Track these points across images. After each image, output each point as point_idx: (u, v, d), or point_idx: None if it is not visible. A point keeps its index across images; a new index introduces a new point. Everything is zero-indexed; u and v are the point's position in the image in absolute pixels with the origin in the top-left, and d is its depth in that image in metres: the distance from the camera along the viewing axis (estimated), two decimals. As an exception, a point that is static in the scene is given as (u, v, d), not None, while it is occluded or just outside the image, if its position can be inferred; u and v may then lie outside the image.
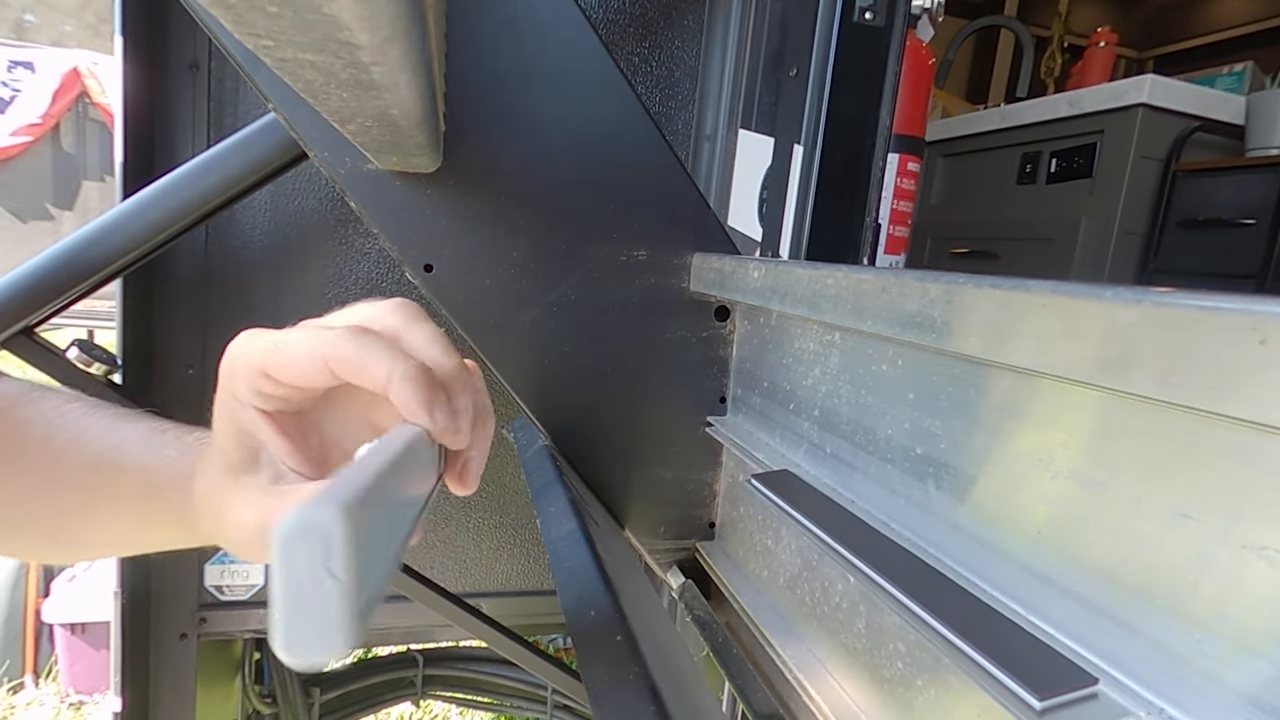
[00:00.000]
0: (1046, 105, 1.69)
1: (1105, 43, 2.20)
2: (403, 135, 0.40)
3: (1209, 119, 1.54)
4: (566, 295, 0.58)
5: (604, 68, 0.56)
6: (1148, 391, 0.21)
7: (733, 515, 0.62)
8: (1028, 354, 0.26)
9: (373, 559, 0.19)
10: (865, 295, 0.36)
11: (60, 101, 4.01)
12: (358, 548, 0.18)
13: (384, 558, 0.21)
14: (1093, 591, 0.27)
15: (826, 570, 0.44)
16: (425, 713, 1.82)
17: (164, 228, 0.75)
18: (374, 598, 0.20)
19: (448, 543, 1.04)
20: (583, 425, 0.60)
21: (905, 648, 0.36)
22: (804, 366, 0.49)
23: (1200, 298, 0.20)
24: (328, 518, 0.17)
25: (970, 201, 1.94)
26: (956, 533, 0.34)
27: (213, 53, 0.85)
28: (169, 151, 0.85)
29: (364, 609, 0.18)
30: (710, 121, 0.96)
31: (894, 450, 0.39)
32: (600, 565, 0.39)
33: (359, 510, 0.18)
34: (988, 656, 0.27)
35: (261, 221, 0.90)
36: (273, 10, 0.19)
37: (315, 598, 0.17)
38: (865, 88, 0.65)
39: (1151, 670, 0.24)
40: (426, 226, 0.55)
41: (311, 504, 0.17)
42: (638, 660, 0.30)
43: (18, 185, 4.11)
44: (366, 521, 0.19)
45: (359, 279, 0.93)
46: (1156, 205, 1.54)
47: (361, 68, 0.25)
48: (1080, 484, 0.27)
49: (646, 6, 0.94)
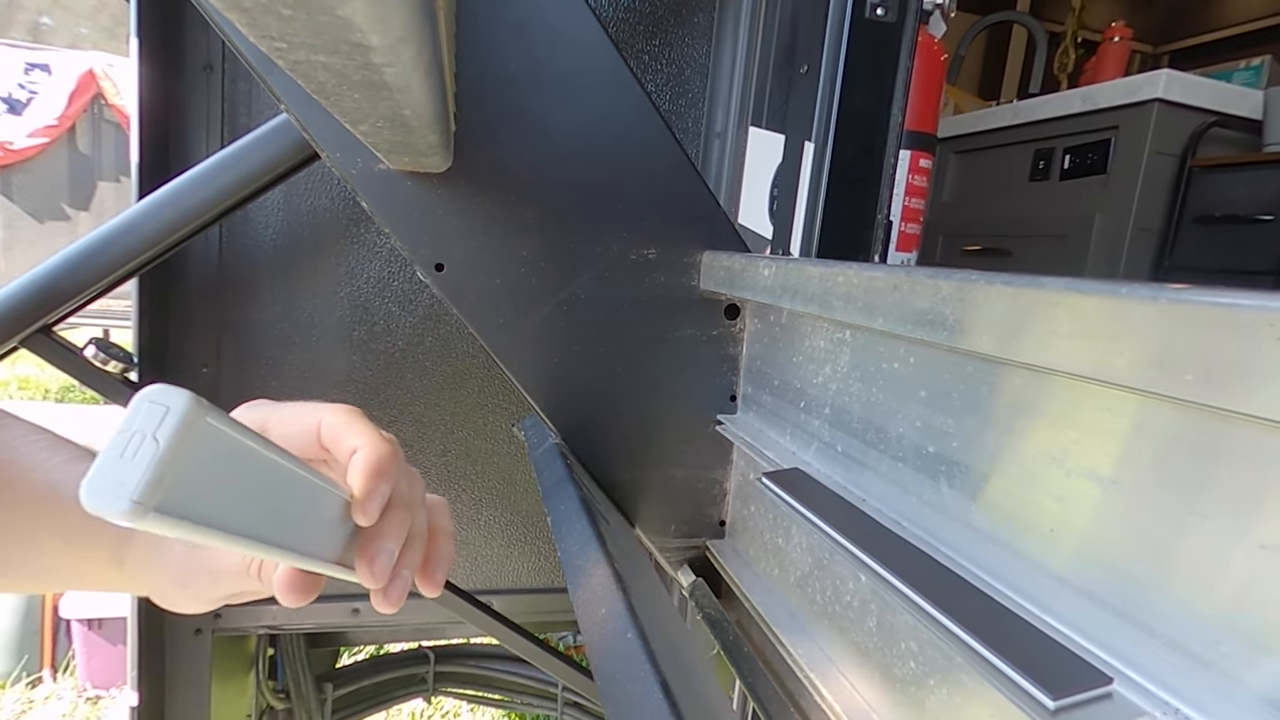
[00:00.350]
0: (1060, 101, 1.67)
1: (1120, 37, 2.17)
2: (414, 135, 0.40)
3: (1226, 114, 1.51)
4: (577, 294, 0.58)
5: (614, 67, 0.56)
6: (1164, 389, 0.21)
7: (743, 513, 0.62)
8: (1041, 352, 0.26)
9: (210, 494, 0.22)
10: (877, 293, 0.36)
11: (76, 103, 4.06)
12: (190, 441, 0.20)
13: (228, 515, 0.23)
14: (1107, 590, 0.27)
15: (838, 568, 0.44)
16: (436, 709, 1.83)
17: (179, 227, 0.76)
18: (197, 524, 0.21)
19: (459, 540, 1.05)
20: (593, 423, 0.61)
21: (917, 646, 0.36)
22: (815, 364, 0.49)
23: (1218, 295, 0.20)
24: (180, 398, 0.20)
25: (982, 198, 1.92)
26: (969, 531, 0.34)
27: (226, 54, 0.86)
28: (183, 152, 0.86)
29: (169, 498, 0.20)
30: (720, 119, 0.96)
31: (906, 448, 0.39)
32: (611, 563, 0.39)
33: (213, 424, 0.21)
34: (1001, 655, 0.27)
35: (274, 221, 0.90)
36: (286, 13, 0.19)
37: (132, 453, 0.19)
38: (877, 84, 0.64)
39: (1167, 670, 0.24)
40: (437, 226, 0.55)
41: (178, 387, 0.20)
42: (649, 657, 0.30)
43: (35, 186, 4.17)
44: (217, 450, 0.21)
45: (370, 278, 0.94)
46: (1172, 201, 1.53)
47: (374, 69, 0.25)
48: (1094, 482, 0.27)
49: (656, 4, 0.94)
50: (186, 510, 0.21)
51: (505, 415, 1.02)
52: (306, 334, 0.92)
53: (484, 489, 1.04)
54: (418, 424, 0.99)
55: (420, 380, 0.98)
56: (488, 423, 1.01)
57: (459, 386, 0.99)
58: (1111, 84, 1.58)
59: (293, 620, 0.99)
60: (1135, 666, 0.25)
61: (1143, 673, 0.25)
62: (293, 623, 1.00)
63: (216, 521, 0.22)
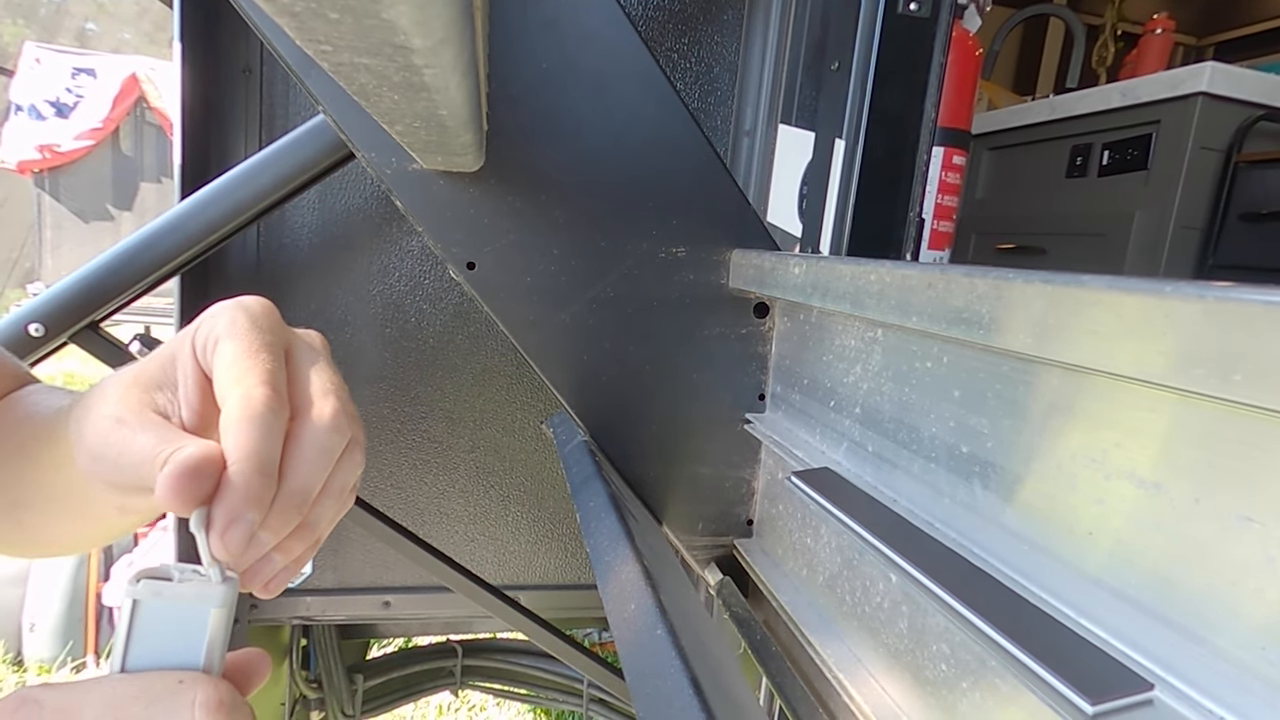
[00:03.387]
0: (1099, 96, 1.63)
1: (1162, 29, 2.11)
2: (449, 135, 0.41)
3: (1273, 107, 1.46)
4: (606, 292, 0.59)
5: (644, 66, 0.57)
6: (1210, 390, 0.21)
7: (771, 513, 0.62)
8: (1081, 351, 0.26)
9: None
10: (910, 291, 0.36)
11: (120, 106, 4.19)
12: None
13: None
14: (1148, 595, 0.26)
15: (868, 569, 0.44)
16: (463, 702, 1.86)
17: (219, 226, 0.78)
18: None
19: (487, 535, 1.06)
20: (621, 421, 0.61)
21: (949, 649, 0.35)
22: (845, 363, 0.49)
23: (1267, 293, 0.19)
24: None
25: (1017, 195, 1.88)
26: (1003, 533, 0.34)
27: (264, 57, 0.88)
28: (223, 153, 0.89)
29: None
30: (750, 117, 0.96)
31: (938, 448, 0.39)
32: (640, 559, 0.39)
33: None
34: (1037, 659, 0.26)
35: (310, 220, 0.92)
36: (334, 16, 0.19)
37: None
38: (909, 81, 0.63)
39: (1211, 677, 0.23)
40: (469, 224, 0.56)
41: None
42: (679, 653, 0.30)
43: (80, 187, 4.31)
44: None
45: (403, 276, 0.95)
46: (1216, 198, 1.48)
47: (414, 70, 0.25)
48: (1135, 485, 0.26)
49: (685, 2, 0.94)
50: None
51: (534, 412, 1.03)
52: (340, 331, 0.94)
53: (512, 485, 1.05)
54: (447, 420, 1.00)
55: (450, 377, 0.99)
56: (516, 419, 1.03)
57: (488, 383, 1.00)
58: (1153, 77, 1.54)
59: (325, 612, 1.02)
60: (1177, 673, 0.24)
61: (1185, 680, 0.24)
62: (326, 614, 1.02)
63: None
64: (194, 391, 0.30)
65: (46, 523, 0.40)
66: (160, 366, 0.31)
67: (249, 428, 0.27)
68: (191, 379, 0.30)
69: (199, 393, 0.30)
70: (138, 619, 0.25)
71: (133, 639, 0.25)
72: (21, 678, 1.87)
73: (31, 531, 0.40)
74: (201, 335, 0.30)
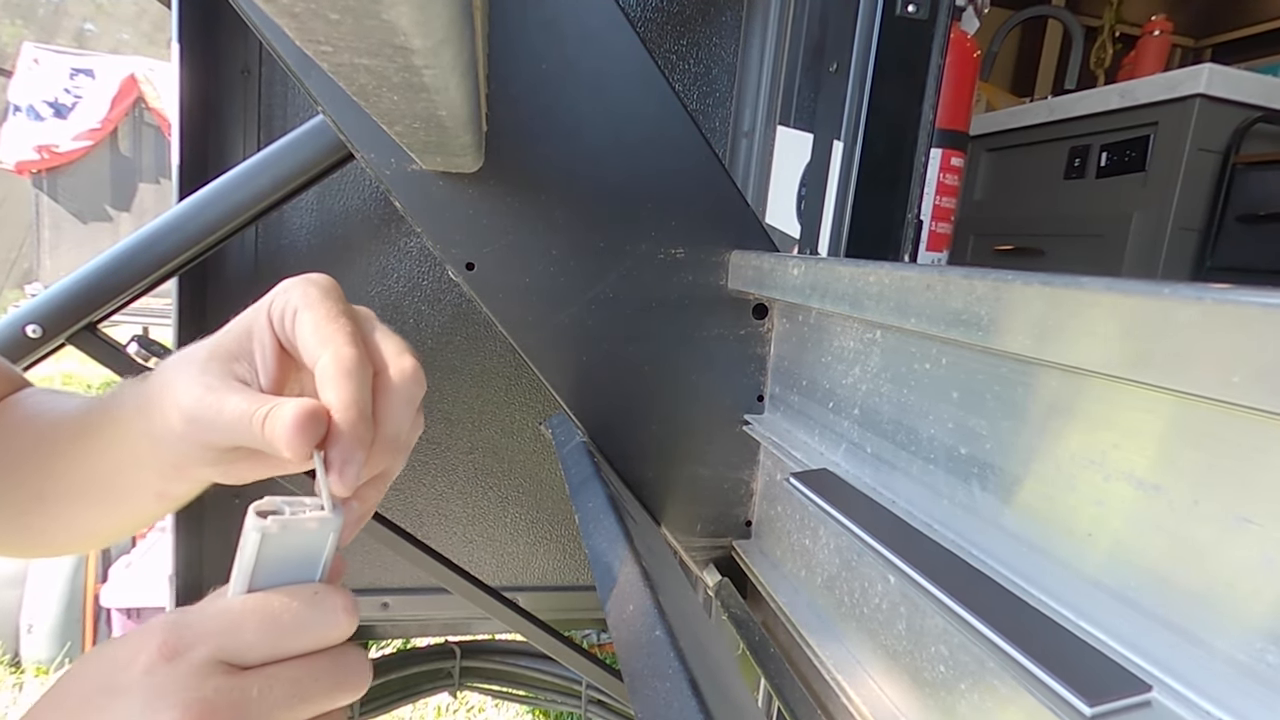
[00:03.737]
0: (1097, 97, 1.63)
1: (1160, 31, 2.12)
2: (448, 136, 0.41)
3: (1272, 109, 1.47)
4: (605, 293, 0.59)
5: (643, 67, 0.57)
6: (1208, 392, 0.21)
7: (770, 514, 0.62)
8: (1080, 353, 0.26)
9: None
10: (909, 292, 0.36)
11: (118, 107, 4.18)
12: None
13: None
14: (1146, 596, 0.26)
15: (866, 570, 0.44)
16: (462, 704, 1.85)
17: (218, 227, 0.78)
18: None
19: (486, 537, 1.06)
20: (620, 422, 0.61)
21: (948, 650, 0.35)
22: (844, 365, 0.49)
23: (1265, 295, 0.19)
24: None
25: (1015, 197, 1.89)
26: (1002, 534, 0.34)
27: (263, 57, 0.88)
28: (222, 154, 0.89)
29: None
30: (748, 118, 0.96)
31: (937, 450, 0.39)
32: (639, 560, 0.39)
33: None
34: (1036, 660, 0.26)
35: (309, 221, 0.92)
36: (334, 17, 0.19)
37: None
38: (907, 82, 0.64)
39: (1209, 679, 0.24)
40: (468, 225, 0.56)
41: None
42: (678, 654, 0.30)
43: (79, 188, 4.30)
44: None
45: (401, 276, 0.95)
46: (1214, 199, 1.48)
47: (414, 71, 0.25)
48: (1134, 486, 0.26)
49: (684, 3, 0.94)
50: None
51: (532, 413, 1.03)
52: (339, 332, 0.94)
53: (511, 486, 1.05)
54: (446, 421, 1.00)
55: (449, 378, 0.99)
56: (515, 421, 1.02)
57: (487, 384, 1.00)
58: (1151, 79, 1.54)
59: (324, 612, 1.01)
60: (1175, 675, 0.25)
61: (1183, 681, 0.24)
62: (324, 615, 1.02)
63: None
64: (272, 360, 0.33)
65: (72, 514, 0.41)
66: (236, 340, 0.34)
67: (347, 381, 0.30)
68: (270, 349, 0.33)
69: (276, 361, 0.33)
70: (264, 549, 0.28)
71: (259, 566, 0.29)
72: (19, 679, 1.87)
73: (47, 526, 0.42)
74: (277, 308, 0.33)
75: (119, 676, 0.26)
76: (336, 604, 0.29)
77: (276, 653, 0.28)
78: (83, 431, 0.39)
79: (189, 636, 0.27)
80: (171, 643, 0.26)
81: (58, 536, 0.43)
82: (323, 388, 0.30)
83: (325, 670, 0.29)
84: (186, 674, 0.26)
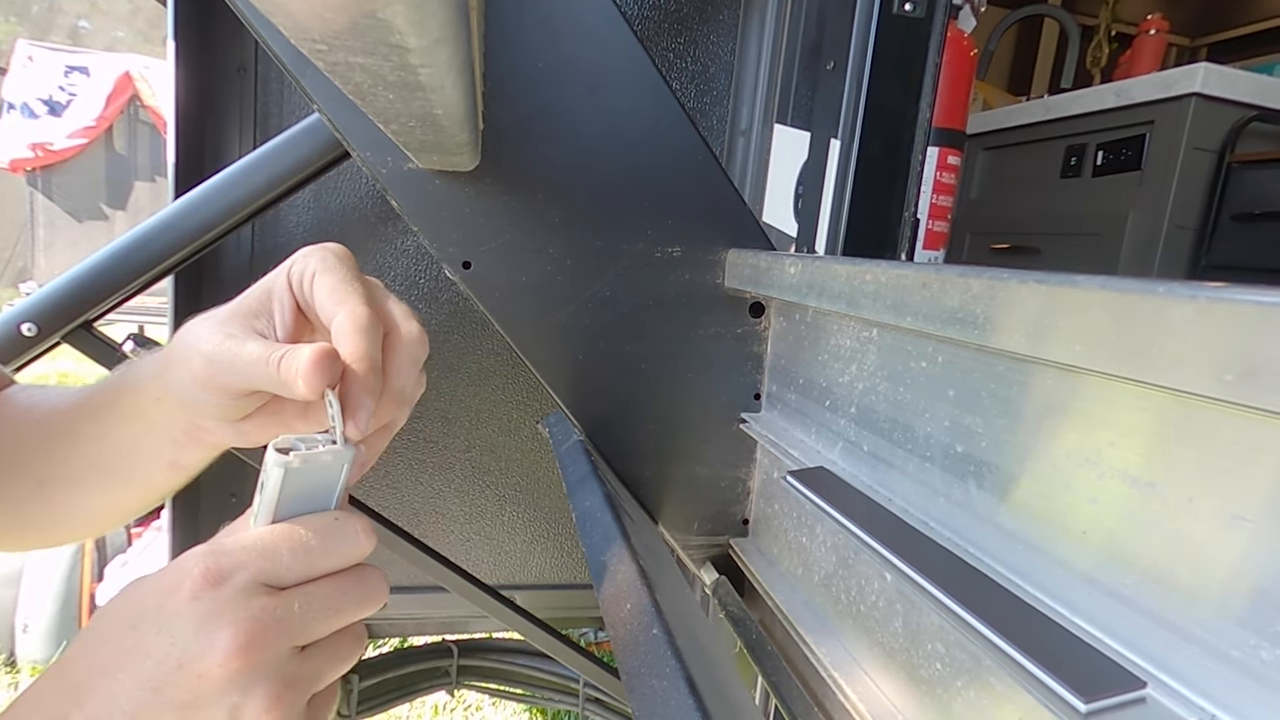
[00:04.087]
0: (1093, 96, 1.64)
1: (1155, 30, 2.12)
2: (445, 134, 0.41)
3: (1267, 108, 1.47)
4: (602, 292, 0.59)
5: (640, 66, 0.57)
6: (1202, 389, 0.21)
7: (767, 512, 0.62)
8: (1075, 351, 0.26)
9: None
10: (905, 291, 0.36)
11: (113, 105, 4.17)
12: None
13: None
14: (1141, 593, 0.26)
15: (863, 568, 0.44)
16: (459, 702, 1.85)
17: (213, 226, 0.77)
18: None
19: (483, 535, 1.06)
20: (617, 421, 0.61)
21: (944, 648, 0.35)
22: (840, 363, 0.49)
23: (1259, 293, 0.20)
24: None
25: (1012, 195, 1.89)
26: (998, 532, 0.34)
27: (259, 55, 0.88)
28: (218, 152, 0.88)
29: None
30: (745, 116, 0.96)
31: (933, 448, 0.39)
32: (636, 558, 0.39)
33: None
34: (1031, 657, 0.27)
35: (305, 219, 0.92)
36: (329, 15, 0.19)
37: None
38: (904, 81, 0.64)
39: (1203, 675, 0.24)
40: (465, 224, 0.56)
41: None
42: (675, 653, 0.30)
43: (73, 186, 4.29)
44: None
45: (398, 276, 0.95)
46: (1209, 198, 1.49)
47: (409, 70, 0.25)
48: (1129, 484, 0.27)
49: (682, 2, 0.94)
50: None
51: (529, 412, 1.03)
52: (335, 330, 0.93)
53: (508, 485, 1.05)
54: (443, 420, 1.00)
55: (446, 377, 0.99)
56: (512, 419, 1.02)
57: (484, 383, 1.00)
58: (1147, 78, 1.54)
59: (321, 611, 1.01)
60: (1170, 671, 0.25)
61: (1177, 677, 0.24)
62: (321, 614, 1.02)
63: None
64: (289, 317, 0.36)
65: (75, 498, 0.43)
66: (256, 299, 0.37)
67: (361, 336, 0.33)
68: (288, 307, 0.36)
69: (293, 318, 0.36)
70: (286, 482, 0.31)
71: (282, 497, 0.31)
72: (14, 679, 1.86)
73: (62, 508, 0.43)
74: (296, 271, 0.36)
75: (165, 604, 0.28)
76: (356, 526, 0.32)
77: (310, 573, 0.30)
78: (88, 413, 0.41)
79: (228, 563, 0.29)
80: (214, 569, 0.28)
81: (58, 524, 0.44)
82: (338, 341, 0.33)
83: (352, 585, 0.31)
84: (232, 596, 0.28)
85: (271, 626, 0.28)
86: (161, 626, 0.28)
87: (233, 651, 0.27)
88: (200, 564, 0.28)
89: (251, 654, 0.27)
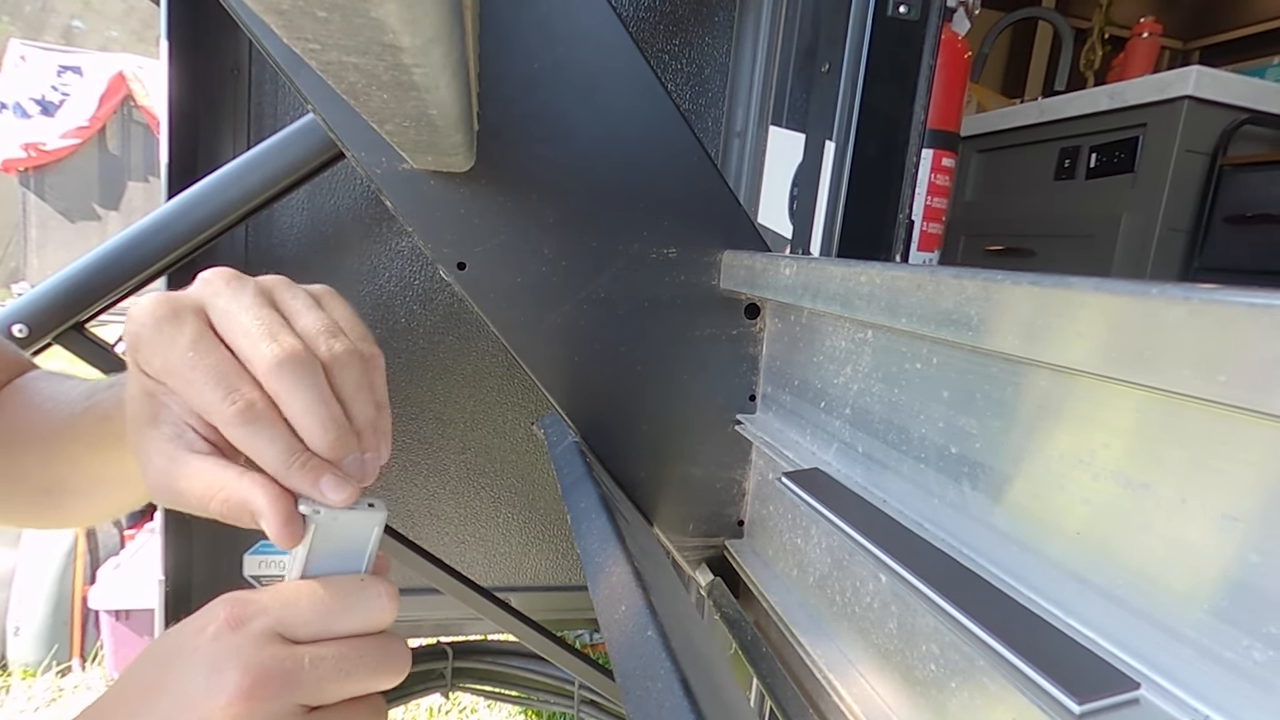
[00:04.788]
0: (1086, 99, 1.64)
1: (1149, 33, 2.13)
2: (439, 135, 0.41)
3: (1259, 111, 1.48)
4: (597, 293, 0.59)
5: (636, 67, 0.57)
6: (1195, 391, 0.21)
7: (762, 513, 0.62)
8: (1069, 353, 0.26)
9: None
10: (900, 292, 0.36)
11: (106, 105, 4.15)
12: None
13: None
14: (1134, 594, 0.26)
15: (858, 569, 0.44)
16: (454, 705, 1.85)
17: (207, 226, 0.77)
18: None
19: (478, 537, 1.06)
20: (612, 422, 0.61)
21: (939, 649, 0.35)
22: (835, 364, 0.49)
23: (1250, 294, 0.20)
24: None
25: (1006, 198, 1.90)
26: (992, 533, 0.34)
27: (253, 56, 0.87)
28: (211, 153, 0.88)
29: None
30: (740, 118, 0.96)
31: (928, 449, 0.39)
32: (631, 560, 0.39)
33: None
34: (1025, 659, 0.27)
35: (299, 220, 0.92)
36: (322, 15, 0.19)
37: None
38: (899, 83, 0.64)
39: (1197, 676, 0.24)
40: (459, 225, 0.55)
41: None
42: (670, 655, 0.30)
43: (66, 186, 4.27)
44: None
45: (393, 276, 0.95)
46: (1202, 201, 1.50)
47: (403, 70, 0.25)
48: (1122, 485, 0.27)
49: (677, 3, 0.94)
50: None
51: (524, 413, 1.02)
52: (330, 331, 0.93)
53: (503, 486, 1.05)
54: (438, 421, 1.00)
55: (440, 378, 0.99)
56: (507, 421, 1.02)
57: (479, 385, 1.00)
58: (1140, 81, 1.55)
59: (315, 614, 1.01)
60: (1163, 672, 0.25)
61: (1171, 678, 0.24)
62: (315, 616, 1.01)
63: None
64: (191, 418, 0.33)
65: (83, 506, 0.43)
66: (142, 408, 0.34)
67: (322, 429, 0.32)
68: (178, 407, 0.33)
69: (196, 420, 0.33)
70: (316, 537, 0.31)
71: (311, 553, 0.32)
72: (6, 682, 1.85)
73: (70, 511, 0.44)
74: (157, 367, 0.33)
75: (192, 641, 0.30)
76: (380, 591, 0.32)
77: (325, 630, 0.31)
78: (86, 422, 0.41)
79: (251, 610, 0.30)
80: (236, 614, 0.29)
81: (74, 519, 0.45)
82: (283, 407, 0.31)
83: (369, 651, 0.32)
84: (247, 640, 0.29)
85: (278, 676, 0.28)
86: (184, 665, 0.29)
87: (236, 695, 0.27)
88: (226, 608, 0.30)
89: (254, 701, 0.28)
